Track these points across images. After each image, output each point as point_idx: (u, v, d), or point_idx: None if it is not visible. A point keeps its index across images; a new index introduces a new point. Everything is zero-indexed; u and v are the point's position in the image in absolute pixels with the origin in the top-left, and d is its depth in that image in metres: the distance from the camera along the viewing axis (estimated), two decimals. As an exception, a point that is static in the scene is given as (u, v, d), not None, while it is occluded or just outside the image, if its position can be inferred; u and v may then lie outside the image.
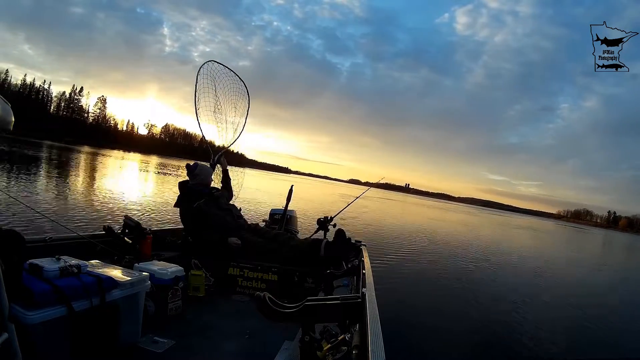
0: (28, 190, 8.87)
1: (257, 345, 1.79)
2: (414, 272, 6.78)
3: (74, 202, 8.15)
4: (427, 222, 20.75)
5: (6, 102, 1.00)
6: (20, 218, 5.29)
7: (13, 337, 1.07)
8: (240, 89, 3.43)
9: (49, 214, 6.12)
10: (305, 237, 3.09)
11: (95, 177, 14.90)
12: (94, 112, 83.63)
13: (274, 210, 3.64)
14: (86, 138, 68.00)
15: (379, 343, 0.97)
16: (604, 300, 7.54)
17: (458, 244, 12.47)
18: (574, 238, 36.03)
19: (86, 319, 1.36)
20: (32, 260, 1.37)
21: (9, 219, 5.17)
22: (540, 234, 28.01)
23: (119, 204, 8.88)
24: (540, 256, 13.58)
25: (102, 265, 1.65)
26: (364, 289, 1.41)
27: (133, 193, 11.70)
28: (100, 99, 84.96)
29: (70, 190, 9.98)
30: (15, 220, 5.17)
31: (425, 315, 4.61)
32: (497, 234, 21.03)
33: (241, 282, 2.50)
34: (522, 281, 7.78)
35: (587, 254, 19.11)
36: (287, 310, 1.32)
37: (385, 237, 10.78)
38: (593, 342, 4.74)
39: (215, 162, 3.15)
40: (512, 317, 5.09)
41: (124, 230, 2.39)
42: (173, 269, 1.99)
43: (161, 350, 1.64)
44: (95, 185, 12.25)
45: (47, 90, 76.52)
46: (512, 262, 10.34)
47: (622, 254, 24.63)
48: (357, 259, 2.45)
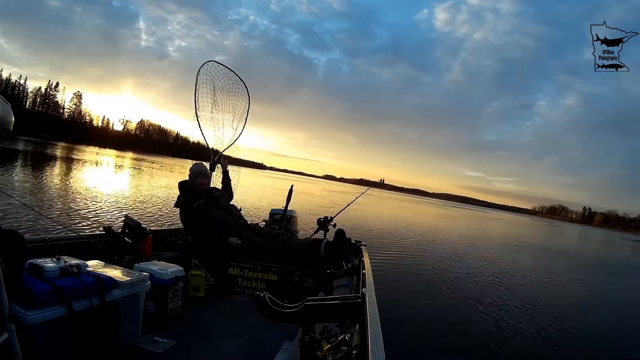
0: (24, 189, 8.87)
1: (257, 345, 1.79)
2: (414, 272, 6.78)
3: (74, 202, 8.14)
4: (428, 222, 20.75)
5: (6, 102, 1.00)
6: (20, 218, 5.29)
7: (13, 337, 1.07)
8: (240, 89, 3.42)
9: (49, 214, 6.12)
10: (305, 237, 3.10)
11: (77, 176, 14.79)
12: (69, 107, 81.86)
13: (274, 210, 3.64)
14: (62, 134, 66.36)
15: (379, 343, 0.97)
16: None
17: (458, 244, 12.47)
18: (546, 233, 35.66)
19: (86, 319, 1.36)
20: (32, 260, 1.37)
21: (9, 219, 5.17)
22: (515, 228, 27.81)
23: (119, 204, 8.89)
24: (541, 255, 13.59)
25: (102, 265, 1.65)
26: (364, 289, 1.41)
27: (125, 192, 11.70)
28: (75, 95, 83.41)
29: (69, 190, 9.98)
30: (15, 220, 5.17)
31: (425, 315, 4.61)
32: (499, 235, 21.02)
33: (241, 282, 2.50)
34: (523, 281, 7.78)
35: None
36: (287, 310, 1.32)
37: (385, 237, 10.78)
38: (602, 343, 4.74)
39: (215, 163, 3.15)
40: (513, 317, 5.09)
41: (124, 230, 2.39)
42: (173, 269, 2.00)
43: (161, 350, 1.64)
44: (92, 185, 12.25)
45: (22, 86, 74.47)
46: (512, 262, 10.33)
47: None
48: (357, 259, 2.45)
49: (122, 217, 2.51)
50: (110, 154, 44.31)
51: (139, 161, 34.24)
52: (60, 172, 15.51)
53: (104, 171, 20.75)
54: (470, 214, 46.01)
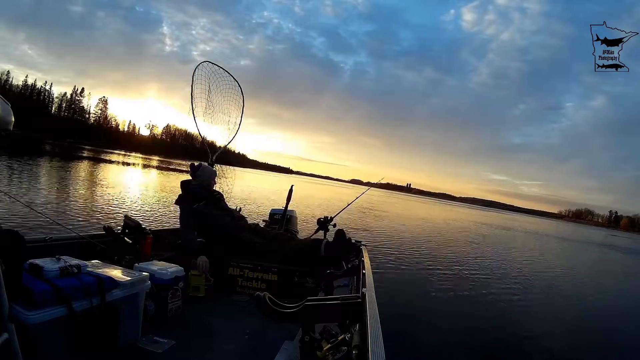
0: (30, 190, 8.87)
1: (257, 345, 1.79)
2: (414, 272, 6.78)
3: (74, 202, 8.15)
4: (428, 222, 20.75)
5: (6, 102, 1.00)
6: (20, 218, 5.29)
7: (13, 337, 1.07)
8: (235, 89, 3.46)
9: (49, 213, 6.12)
10: (305, 237, 3.09)
11: (98, 179, 14.91)
12: (95, 112, 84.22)
13: (274, 210, 3.64)
14: (88, 139, 68.24)
15: (379, 343, 0.97)
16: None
17: (458, 244, 12.47)
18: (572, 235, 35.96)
19: (86, 319, 1.36)
20: (32, 260, 1.37)
21: (9, 219, 5.17)
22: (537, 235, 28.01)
23: (120, 204, 8.89)
24: (541, 255, 13.58)
25: (102, 265, 1.65)
26: (364, 289, 1.41)
27: (135, 193, 11.70)
28: (101, 100, 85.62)
29: (71, 191, 9.98)
30: (15, 220, 5.17)
31: (425, 315, 4.61)
32: (498, 234, 21.01)
33: (241, 282, 2.50)
34: (523, 281, 7.77)
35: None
36: (287, 310, 1.33)
37: (385, 237, 10.78)
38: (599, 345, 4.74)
39: (214, 162, 3.15)
40: (513, 317, 5.09)
41: (124, 230, 2.39)
42: (173, 269, 1.99)
43: (161, 350, 1.64)
44: (97, 186, 12.25)
45: (48, 91, 77.42)
46: (512, 262, 10.33)
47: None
48: (357, 259, 2.45)
49: (122, 217, 2.51)
50: (135, 159, 44.50)
51: (164, 164, 34.24)
52: (79, 173, 15.54)
53: (128, 173, 20.76)
54: (494, 216, 45.52)
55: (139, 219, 4.04)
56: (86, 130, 75.17)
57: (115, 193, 10.70)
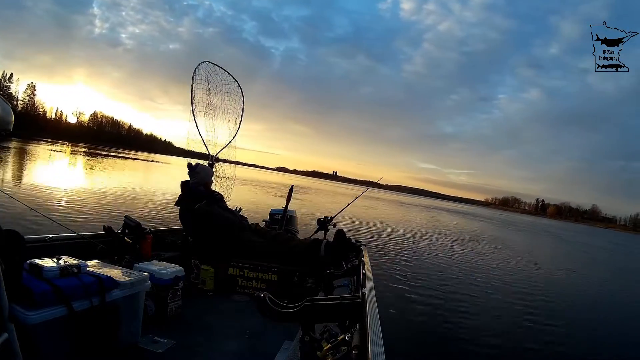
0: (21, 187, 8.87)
1: (257, 345, 1.79)
2: (414, 272, 6.78)
3: (74, 202, 8.14)
4: (428, 222, 20.76)
5: (6, 102, 1.00)
6: (20, 218, 5.28)
7: (13, 337, 1.07)
8: (235, 89, 3.46)
9: (49, 213, 6.12)
10: (305, 237, 3.09)
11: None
12: (23, 99, 77.93)
13: (274, 210, 3.64)
14: (16, 128, 65.99)
15: (379, 343, 0.97)
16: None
17: (458, 244, 12.47)
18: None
19: (86, 319, 1.36)
20: (32, 260, 1.37)
21: (9, 219, 5.17)
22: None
23: (120, 204, 8.88)
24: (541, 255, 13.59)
25: (102, 265, 1.65)
26: (364, 289, 1.41)
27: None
28: (29, 86, 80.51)
29: (67, 190, 9.98)
30: (15, 220, 5.17)
31: (425, 315, 4.61)
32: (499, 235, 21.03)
33: (241, 282, 2.50)
34: (523, 281, 7.77)
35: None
36: (287, 310, 1.32)
37: (386, 237, 10.79)
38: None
39: (213, 162, 3.15)
40: (513, 317, 5.09)
41: (124, 230, 2.39)
42: (173, 269, 1.99)
43: (161, 350, 1.64)
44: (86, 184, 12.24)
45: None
46: (512, 262, 10.34)
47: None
48: (357, 259, 2.45)
49: (123, 217, 2.51)
50: (65, 149, 42.51)
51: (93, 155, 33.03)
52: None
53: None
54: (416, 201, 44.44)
55: (139, 219, 4.01)
56: (15, 119, 73.83)
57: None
